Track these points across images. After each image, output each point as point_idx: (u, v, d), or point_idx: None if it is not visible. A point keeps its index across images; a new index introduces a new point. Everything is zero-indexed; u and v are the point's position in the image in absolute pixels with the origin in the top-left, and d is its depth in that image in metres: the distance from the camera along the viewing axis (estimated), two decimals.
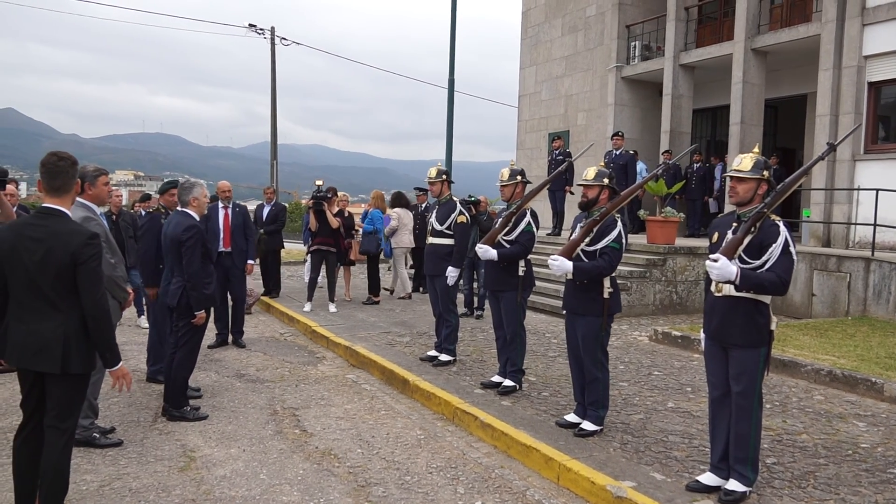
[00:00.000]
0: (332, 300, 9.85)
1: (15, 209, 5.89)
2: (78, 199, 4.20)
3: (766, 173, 3.74)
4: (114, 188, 8.88)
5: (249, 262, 8.11)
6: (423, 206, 11.31)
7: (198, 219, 5.40)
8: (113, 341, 3.36)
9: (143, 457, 4.50)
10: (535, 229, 5.72)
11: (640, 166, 14.21)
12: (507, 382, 5.84)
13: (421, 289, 11.68)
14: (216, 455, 4.58)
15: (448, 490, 4.14)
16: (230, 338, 8.07)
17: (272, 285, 10.99)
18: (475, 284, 9.87)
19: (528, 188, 5.92)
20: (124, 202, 10.15)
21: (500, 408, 5.39)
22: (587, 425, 4.83)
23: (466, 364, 6.81)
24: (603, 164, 5.11)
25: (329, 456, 4.63)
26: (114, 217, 8.54)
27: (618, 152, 12.08)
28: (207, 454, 4.59)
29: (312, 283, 9.89)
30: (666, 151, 13.80)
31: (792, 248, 3.64)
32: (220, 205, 8.08)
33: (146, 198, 10.60)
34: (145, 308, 8.66)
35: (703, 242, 11.20)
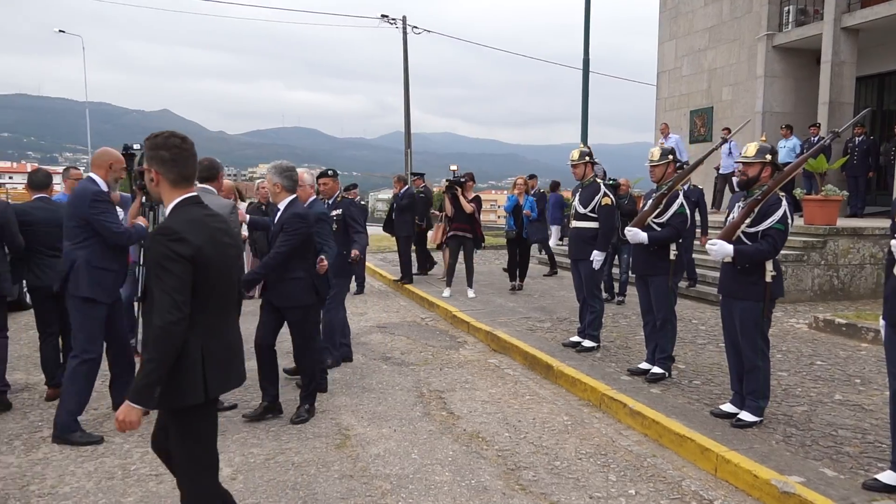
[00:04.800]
0: (470, 286, 9.93)
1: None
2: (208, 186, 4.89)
3: None
4: (259, 180, 9.45)
5: None
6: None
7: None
8: None
9: (303, 433, 4.75)
10: (687, 211, 5.47)
11: (794, 142, 13.27)
12: (656, 369, 5.64)
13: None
14: (369, 434, 4.75)
15: (599, 477, 4.07)
16: None
17: (413, 269, 11.25)
18: (615, 269, 9.62)
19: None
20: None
21: (650, 395, 5.22)
22: (746, 416, 4.58)
23: (611, 350, 6.65)
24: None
25: (477, 439, 4.68)
26: (263, 207, 9.14)
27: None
28: (361, 433, 4.77)
29: (451, 269, 10.01)
30: (813, 125, 12.78)
31: None
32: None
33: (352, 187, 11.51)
34: None
35: (868, 223, 10.30)
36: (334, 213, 6.48)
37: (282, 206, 4.98)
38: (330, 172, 6.71)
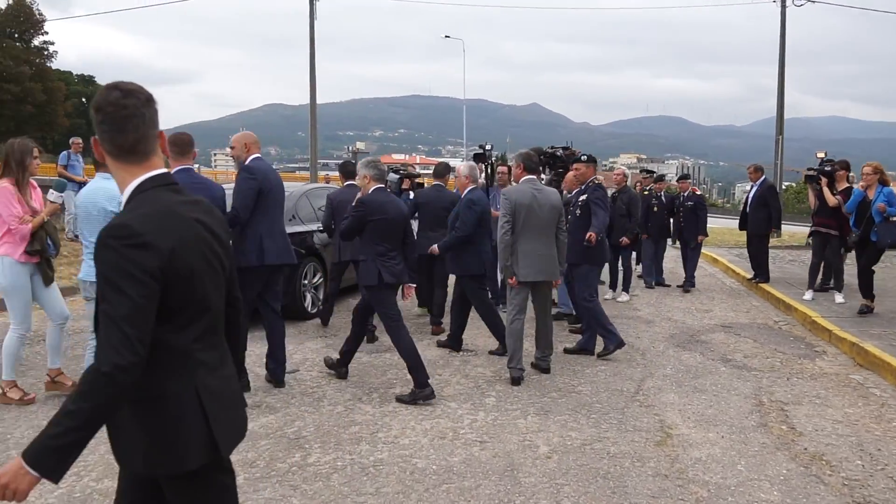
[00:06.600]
0: (839, 289, 8.69)
1: None
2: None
3: None
4: (619, 167, 9.62)
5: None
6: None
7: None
8: None
9: (623, 425, 4.69)
10: None
11: None
12: None
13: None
14: (693, 436, 4.50)
15: None
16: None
17: (759, 272, 10.26)
18: None
19: None
20: (628, 182, 10.55)
21: None
22: None
23: None
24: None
25: (819, 461, 4.12)
26: (615, 195, 9.28)
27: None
28: (685, 434, 4.55)
29: (814, 269, 8.89)
30: None
31: None
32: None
33: (660, 178, 11.46)
34: None
35: None
36: (581, 198, 6.57)
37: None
38: (584, 157, 6.72)
